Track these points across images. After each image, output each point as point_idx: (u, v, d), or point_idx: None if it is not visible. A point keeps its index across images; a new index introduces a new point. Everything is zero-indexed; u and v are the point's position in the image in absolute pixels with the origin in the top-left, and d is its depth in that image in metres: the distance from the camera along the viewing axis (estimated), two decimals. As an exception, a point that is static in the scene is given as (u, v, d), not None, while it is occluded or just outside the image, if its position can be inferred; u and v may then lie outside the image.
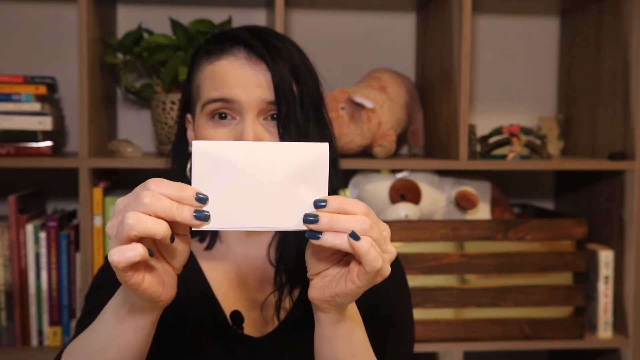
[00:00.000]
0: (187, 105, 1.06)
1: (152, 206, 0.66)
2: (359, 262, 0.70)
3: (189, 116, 1.06)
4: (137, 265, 0.69)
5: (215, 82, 0.98)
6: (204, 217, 0.68)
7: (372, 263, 0.69)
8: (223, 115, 0.97)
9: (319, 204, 0.70)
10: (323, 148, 0.71)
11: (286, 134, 0.96)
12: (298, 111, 0.97)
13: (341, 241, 0.69)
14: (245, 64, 0.98)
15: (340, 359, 0.81)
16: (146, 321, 0.76)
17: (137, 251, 0.65)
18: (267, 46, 0.98)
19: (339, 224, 0.69)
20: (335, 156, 1.04)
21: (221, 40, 1.01)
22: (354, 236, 0.68)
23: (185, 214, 0.67)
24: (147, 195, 0.66)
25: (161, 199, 0.66)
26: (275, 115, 0.97)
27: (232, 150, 0.70)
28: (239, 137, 0.95)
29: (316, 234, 0.69)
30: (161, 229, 0.66)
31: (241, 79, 0.97)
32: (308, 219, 0.69)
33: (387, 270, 0.72)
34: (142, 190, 0.67)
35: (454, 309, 1.66)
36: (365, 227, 0.69)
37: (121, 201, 0.69)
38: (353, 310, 0.82)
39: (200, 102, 1.00)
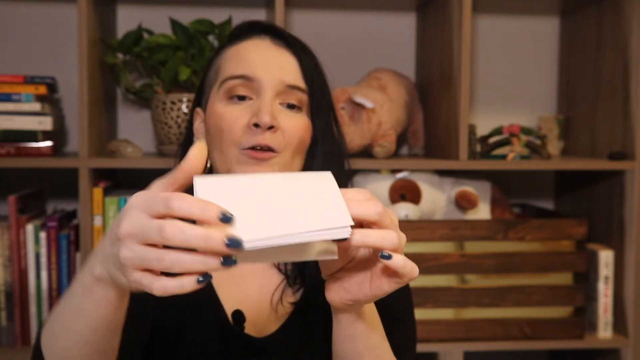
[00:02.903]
0: (199, 101, 1.07)
1: (181, 243, 0.59)
2: (394, 273, 0.70)
3: (198, 109, 1.06)
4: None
5: (237, 60, 0.99)
6: (237, 244, 0.58)
7: (410, 274, 0.69)
8: (242, 97, 0.98)
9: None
10: (327, 176, 0.68)
11: (316, 116, 1.00)
12: (323, 99, 1.01)
13: (373, 240, 0.67)
14: (270, 45, 1.00)
15: (361, 354, 0.82)
16: (114, 295, 0.71)
17: (191, 284, 0.61)
18: (292, 37, 1.02)
19: (370, 238, 0.67)
20: (343, 155, 1.06)
21: (246, 29, 1.04)
22: (384, 256, 0.67)
23: (215, 243, 0.58)
24: (168, 229, 0.59)
25: (188, 233, 0.59)
26: (290, 104, 0.99)
27: (236, 183, 0.65)
28: (255, 113, 0.95)
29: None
30: (202, 267, 0.60)
31: (265, 59, 0.98)
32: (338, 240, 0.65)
33: (417, 270, 0.71)
34: (164, 224, 0.59)
35: (454, 309, 1.66)
36: (395, 242, 0.67)
37: (134, 223, 0.61)
38: (371, 305, 0.83)
39: (219, 80, 1.00)
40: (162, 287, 0.60)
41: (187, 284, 0.60)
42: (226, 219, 0.59)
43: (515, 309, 1.68)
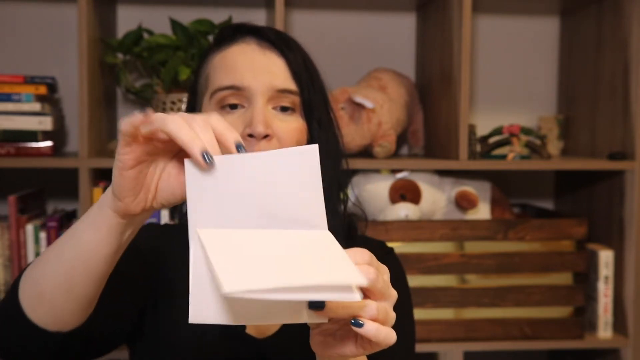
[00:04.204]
0: (193, 108, 1.06)
1: (197, 130, 0.67)
2: (368, 339, 0.68)
3: None
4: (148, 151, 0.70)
5: (226, 69, 0.98)
6: (207, 159, 0.65)
7: (385, 341, 0.67)
8: (234, 105, 0.97)
9: (315, 306, 0.65)
10: (327, 235, 0.66)
11: (310, 116, 0.98)
12: (315, 95, 0.99)
13: (348, 311, 0.66)
14: (256, 49, 0.98)
15: None
16: (107, 218, 0.73)
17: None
18: (278, 36, 1.00)
19: (346, 310, 0.66)
20: (341, 154, 1.05)
21: (231, 32, 1.02)
22: (357, 324, 0.65)
23: (202, 140, 0.66)
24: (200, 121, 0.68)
25: (208, 131, 0.68)
26: (284, 107, 0.98)
27: (240, 237, 0.66)
28: (248, 123, 0.95)
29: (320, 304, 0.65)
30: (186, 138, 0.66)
31: (252, 64, 0.97)
32: (314, 304, 0.65)
33: (393, 336, 0.69)
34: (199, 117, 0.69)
35: (454, 309, 1.66)
36: (373, 314, 0.66)
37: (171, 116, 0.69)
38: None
39: (209, 90, 0.99)
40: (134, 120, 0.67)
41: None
42: (238, 148, 0.68)
43: (515, 309, 1.67)
